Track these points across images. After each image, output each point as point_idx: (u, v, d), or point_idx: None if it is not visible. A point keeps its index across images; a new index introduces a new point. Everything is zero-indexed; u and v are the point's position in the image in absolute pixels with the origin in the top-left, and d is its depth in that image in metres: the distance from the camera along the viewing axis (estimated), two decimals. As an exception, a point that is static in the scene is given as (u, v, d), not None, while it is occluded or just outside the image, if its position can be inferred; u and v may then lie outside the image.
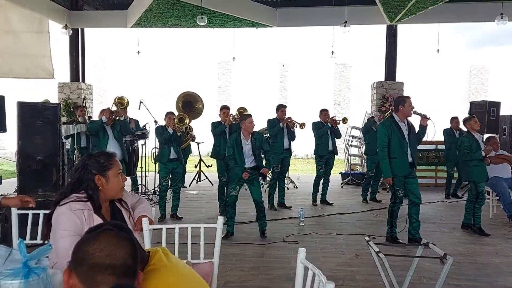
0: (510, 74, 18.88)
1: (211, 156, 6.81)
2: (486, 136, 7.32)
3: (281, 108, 7.17)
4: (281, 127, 6.99)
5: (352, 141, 11.23)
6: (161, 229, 2.30)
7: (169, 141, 6.10)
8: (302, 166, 14.81)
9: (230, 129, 6.59)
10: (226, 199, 5.47)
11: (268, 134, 7.30)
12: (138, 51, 11.33)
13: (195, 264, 2.19)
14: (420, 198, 5.02)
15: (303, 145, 7.52)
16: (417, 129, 5.17)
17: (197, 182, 9.73)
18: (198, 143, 9.76)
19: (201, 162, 9.81)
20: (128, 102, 7.10)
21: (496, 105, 8.19)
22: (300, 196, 8.25)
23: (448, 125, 8.10)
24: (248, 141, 5.33)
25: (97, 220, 1.96)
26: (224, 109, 6.74)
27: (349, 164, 10.78)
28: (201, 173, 9.83)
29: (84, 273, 1.10)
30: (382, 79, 10.06)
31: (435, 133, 5.55)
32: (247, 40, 17.76)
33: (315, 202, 7.47)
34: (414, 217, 5.00)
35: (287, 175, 9.34)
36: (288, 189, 8.74)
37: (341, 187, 9.67)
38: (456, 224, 5.98)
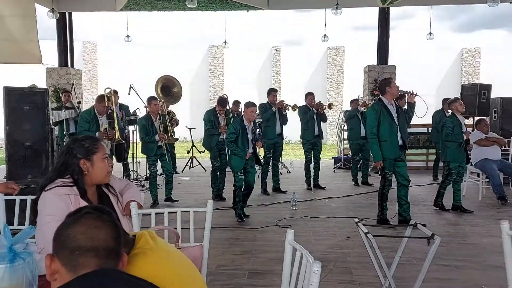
0: (501, 56, 18.91)
1: (203, 145, 6.77)
2: (476, 118, 7.37)
3: (272, 93, 7.14)
4: (273, 111, 6.97)
5: (344, 126, 11.22)
6: (150, 214, 2.29)
7: (153, 131, 6.06)
8: (295, 151, 14.84)
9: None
10: (234, 184, 5.44)
11: (260, 120, 7.28)
12: (128, 35, 11.18)
13: (185, 248, 2.18)
14: (409, 180, 5.08)
15: (297, 130, 7.50)
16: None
17: (190, 168, 9.72)
18: (190, 129, 9.71)
19: (194, 148, 9.77)
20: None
21: (487, 87, 8.19)
22: (293, 181, 8.27)
23: (440, 107, 8.17)
24: (250, 127, 5.39)
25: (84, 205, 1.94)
26: (219, 105, 6.63)
27: (341, 149, 10.81)
28: (194, 159, 9.81)
29: (66, 256, 1.08)
30: (375, 62, 10.02)
31: (427, 110, 5.56)
32: (238, 24, 17.55)
33: (309, 187, 7.50)
34: (403, 199, 5.06)
35: (280, 160, 9.38)
36: (281, 174, 8.75)
37: (334, 172, 9.71)
38: (446, 206, 6.03)
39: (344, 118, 9.34)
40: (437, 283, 3.41)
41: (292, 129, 8.65)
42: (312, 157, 7.47)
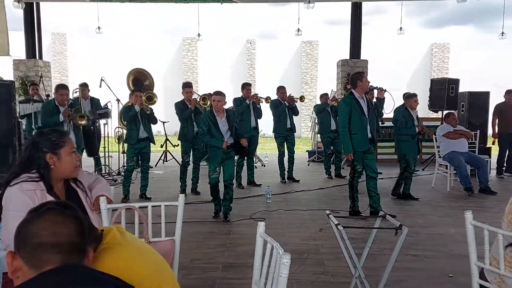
0: (469, 52, 19.46)
1: (179, 138, 6.70)
2: (445, 112, 7.58)
3: (246, 87, 7.13)
4: (248, 104, 6.96)
5: (318, 119, 11.33)
6: (120, 208, 2.25)
7: (135, 120, 5.92)
8: (270, 145, 14.86)
9: (195, 110, 6.44)
10: (209, 182, 5.28)
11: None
12: (99, 27, 10.92)
13: (156, 242, 2.16)
14: (377, 172, 5.23)
15: (272, 124, 7.53)
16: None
17: (163, 162, 9.62)
18: (163, 122, 9.59)
19: (167, 141, 9.67)
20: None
21: (455, 82, 8.43)
22: (268, 174, 8.31)
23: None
24: (222, 118, 5.19)
25: (51, 201, 1.89)
26: (186, 87, 6.57)
27: (315, 142, 10.91)
28: (167, 152, 9.71)
29: (28, 253, 1.05)
30: (348, 57, 10.14)
31: (394, 105, 5.75)
32: (212, 17, 17.40)
33: (283, 180, 7.55)
34: (372, 191, 5.19)
35: (255, 154, 9.40)
36: (256, 167, 8.77)
37: (308, 165, 9.80)
38: (418, 198, 6.19)
39: (314, 112, 9.44)
40: (406, 273, 3.50)
41: (268, 123, 8.69)
42: (286, 151, 7.52)
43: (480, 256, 1.89)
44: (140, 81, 8.33)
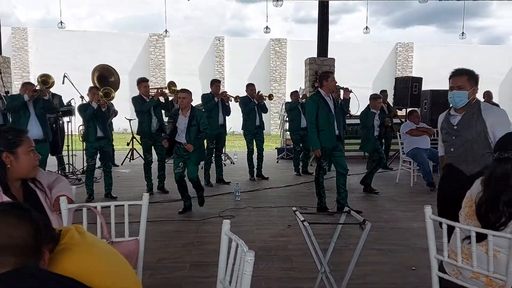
0: (432, 51, 20.10)
1: (137, 133, 6.58)
2: (409, 109, 7.80)
3: (215, 83, 7.10)
4: (216, 101, 6.92)
5: (287, 117, 11.40)
6: (82, 209, 2.18)
7: (93, 118, 5.77)
8: (239, 142, 14.85)
9: (156, 107, 6.33)
10: (175, 178, 5.31)
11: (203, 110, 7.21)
12: (61, 22, 10.57)
13: (119, 243, 2.11)
14: (347, 169, 5.30)
15: (241, 121, 7.51)
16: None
17: (130, 161, 9.43)
18: (130, 120, 9.41)
19: (134, 139, 9.49)
20: (53, 82, 6.61)
21: (418, 80, 8.69)
22: (237, 172, 8.30)
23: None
24: (185, 117, 5.20)
25: (7, 201, 1.81)
26: (143, 82, 6.45)
27: (284, 140, 10.98)
28: (134, 151, 9.53)
29: None
30: (315, 55, 10.24)
31: (359, 106, 5.88)
32: (180, 13, 17.17)
33: (252, 177, 7.56)
34: (342, 187, 5.27)
35: (224, 151, 9.36)
36: (225, 165, 8.75)
37: (277, 162, 9.85)
38: (382, 193, 6.34)
39: (284, 109, 9.51)
40: (370, 267, 3.58)
41: (237, 120, 8.67)
42: (255, 148, 7.53)
43: (439, 249, 1.95)
44: (105, 78, 8.12)
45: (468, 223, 1.81)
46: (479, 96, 8.60)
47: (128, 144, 9.61)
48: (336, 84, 5.32)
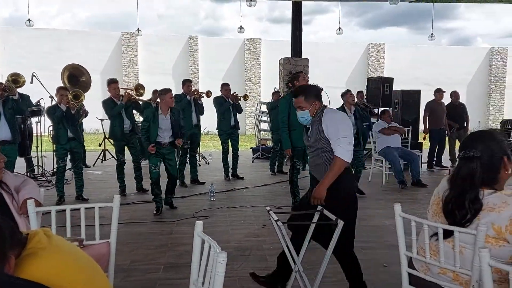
0: (403, 52, 20.56)
1: (109, 137, 6.47)
2: (381, 109, 7.95)
3: (186, 83, 7.05)
4: (188, 100, 6.87)
5: (262, 117, 11.44)
6: (50, 212, 2.13)
7: (63, 121, 5.63)
8: (214, 142, 14.80)
9: (127, 107, 6.23)
10: (150, 178, 5.28)
11: None
12: (29, 19, 10.27)
13: (90, 246, 2.07)
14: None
15: (216, 121, 7.49)
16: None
17: (102, 162, 9.25)
18: (101, 120, 9.23)
19: (106, 140, 9.31)
20: (24, 81, 6.40)
21: (390, 81, 8.87)
22: (212, 172, 8.27)
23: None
24: (166, 116, 5.20)
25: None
26: (113, 83, 6.33)
27: (259, 139, 11.00)
28: (106, 151, 9.35)
29: None
30: (289, 55, 10.31)
31: (329, 104, 5.89)
32: (153, 12, 16.98)
33: (227, 177, 7.55)
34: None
35: (198, 151, 9.30)
36: (200, 165, 8.71)
37: (252, 162, 9.86)
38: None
39: (266, 109, 9.53)
40: (344, 264, 3.62)
41: (212, 120, 8.63)
42: (230, 148, 7.52)
43: (409, 246, 2.00)
44: (76, 77, 7.93)
45: (435, 220, 1.86)
46: (447, 96, 8.88)
47: (100, 145, 9.43)
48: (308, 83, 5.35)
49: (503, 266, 1.32)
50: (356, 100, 6.62)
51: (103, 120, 9.22)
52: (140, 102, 6.46)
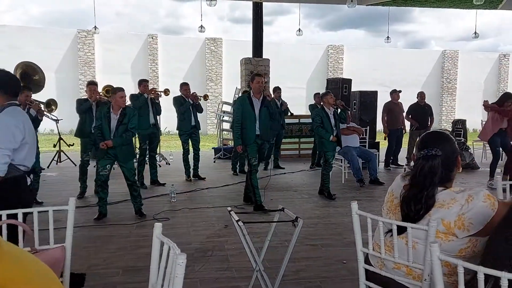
0: (360, 54, 21.13)
1: (76, 135, 6.26)
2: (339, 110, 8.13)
3: (143, 83, 6.94)
4: (145, 99, 6.75)
5: (223, 117, 11.40)
6: (1, 216, 2.03)
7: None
8: (175, 142, 14.61)
9: (97, 106, 6.09)
10: (95, 179, 5.15)
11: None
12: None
13: (43, 251, 1.99)
14: (255, 163, 5.47)
15: (176, 121, 7.39)
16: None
17: (57, 163, 8.91)
18: (56, 120, 8.88)
19: (61, 140, 8.98)
20: None
21: (348, 82, 9.09)
22: (173, 173, 8.16)
23: (312, 101, 8.87)
24: (116, 116, 5.04)
25: None
26: (91, 85, 6.24)
27: (221, 139, 10.97)
28: (62, 153, 9.02)
29: None
30: (251, 55, 10.35)
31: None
32: (110, 8, 16.55)
33: (188, 178, 7.47)
34: (253, 182, 5.50)
35: (158, 152, 9.15)
36: (160, 166, 8.57)
37: (214, 162, 9.82)
38: (316, 190, 6.55)
39: (230, 109, 9.51)
40: (304, 262, 3.69)
41: (173, 120, 8.52)
42: (191, 148, 7.45)
43: (366, 242, 2.06)
44: (29, 76, 7.58)
45: (389, 217, 1.93)
46: (413, 96, 9.21)
47: (54, 146, 9.08)
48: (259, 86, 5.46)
49: (452, 260, 1.39)
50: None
51: (58, 120, 8.90)
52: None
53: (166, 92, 7.48)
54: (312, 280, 3.35)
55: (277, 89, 8.45)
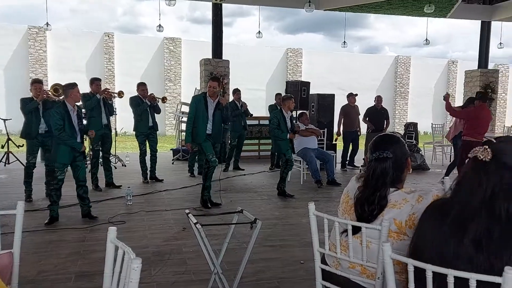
0: (318, 57, 21.54)
1: (21, 136, 5.94)
2: (299, 112, 8.26)
3: (95, 82, 6.69)
4: (98, 99, 6.53)
5: (182, 117, 11.25)
6: None
7: None
8: (132, 143, 14.28)
9: (44, 106, 5.81)
10: (52, 182, 4.96)
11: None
12: None
13: (-13, 258, 1.88)
14: (214, 159, 5.60)
15: (133, 122, 7.21)
16: None
17: (5, 165, 8.45)
18: (4, 120, 8.44)
19: (10, 141, 8.52)
20: None
21: (307, 84, 9.24)
22: (129, 175, 7.95)
23: (272, 101, 8.97)
24: (74, 112, 4.88)
25: None
26: (36, 83, 5.91)
27: (180, 140, 10.82)
28: (10, 154, 8.56)
29: None
30: (210, 56, 10.30)
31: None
32: (64, 5, 15.95)
33: (145, 180, 7.32)
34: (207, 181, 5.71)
35: (115, 153, 8.92)
36: (116, 168, 8.35)
37: (172, 163, 9.67)
38: (275, 191, 6.61)
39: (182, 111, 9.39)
40: (262, 263, 3.71)
41: (129, 121, 8.31)
42: (149, 149, 7.31)
43: (323, 242, 2.09)
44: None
45: (345, 218, 1.98)
46: (368, 100, 9.55)
47: (2, 147, 8.60)
48: (214, 89, 5.57)
49: (403, 259, 1.44)
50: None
51: (6, 119, 8.47)
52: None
53: (120, 94, 7.26)
54: (271, 281, 3.37)
55: (236, 91, 8.47)
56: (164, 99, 8.03)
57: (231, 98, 8.83)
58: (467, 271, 1.25)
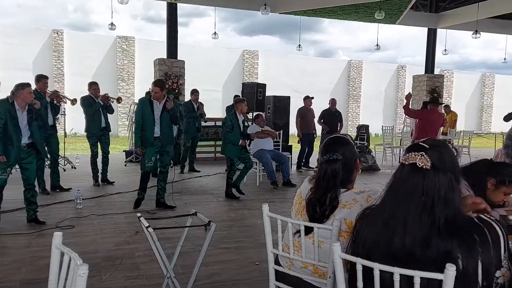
0: (274, 59, 21.76)
1: None
2: (255, 113, 8.30)
3: (42, 80, 6.36)
4: (47, 102, 6.23)
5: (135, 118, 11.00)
6: None
7: None
8: (82, 145, 13.75)
9: None
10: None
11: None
12: None
13: None
14: (167, 167, 5.72)
15: (83, 122, 6.93)
16: None
17: None
18: None
19: None
20: None
21: (263, 86, 9.31)
22: (79, 177, 7.65)
23: (229, 103, 8.96)
24: (24, 112, 4.61)
25: None
26: None
27: (133, 142, 10.55)
28: None
29: None
30: (165, 56, 10.13)
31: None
32: (10, 1, 15.15)
33: (96, 183, 7.07)
34: (161, 184, 5.74)
35: (64, 155, 8.57)
36: (65, 170, 8.01)
37: (125, 165, 9.41)
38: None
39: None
40: (217, 266, 3.69)
41: (80, 121, 7.98)
42: (100, 151, 7.06)
43: (276, 243, 2.11)
44: None
45: (298, 218, 2.01)
46: (322, 103, 9.80)
47: None
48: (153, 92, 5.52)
49: (351, 258, 1.48)
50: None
51: None
52: None
53: (73, 102, 6.90)
54: (225, 283, 3.36)
55: (195, 92, 8.39)
56: (119, 99, 7.78)
57: (187, 98, 8.74)
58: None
